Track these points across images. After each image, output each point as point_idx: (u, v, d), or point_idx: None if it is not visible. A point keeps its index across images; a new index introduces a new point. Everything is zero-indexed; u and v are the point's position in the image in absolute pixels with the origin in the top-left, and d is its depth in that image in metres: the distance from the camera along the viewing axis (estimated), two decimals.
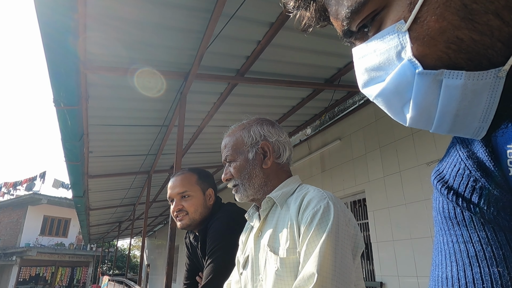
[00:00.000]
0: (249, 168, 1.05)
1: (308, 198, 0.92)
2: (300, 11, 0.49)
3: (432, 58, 0.34)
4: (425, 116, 0.36)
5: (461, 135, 0.37)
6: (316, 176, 5.06)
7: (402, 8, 0.35)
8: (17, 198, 19.61)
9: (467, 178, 0.38)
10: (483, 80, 0.32)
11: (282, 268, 0.87)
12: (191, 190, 1.52)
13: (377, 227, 3.90)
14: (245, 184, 1.05)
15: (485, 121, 0.34)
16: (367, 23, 0.38)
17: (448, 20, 0.32)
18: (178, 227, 1.55)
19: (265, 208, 1.03)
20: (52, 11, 1.95)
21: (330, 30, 2.65)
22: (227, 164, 1.11)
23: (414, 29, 0.34)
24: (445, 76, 0.33)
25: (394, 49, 0.36)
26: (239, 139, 1.10)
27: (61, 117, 3.11)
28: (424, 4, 0.33)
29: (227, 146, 1.11)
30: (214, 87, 3.59)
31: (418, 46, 0.34)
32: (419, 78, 0.34)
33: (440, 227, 0.41)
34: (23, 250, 18.30)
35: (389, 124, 3.86)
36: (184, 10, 2.45)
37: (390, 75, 0.37)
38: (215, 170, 7.06)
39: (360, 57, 0.41)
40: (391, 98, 0.38)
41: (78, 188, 5.71)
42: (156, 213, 11.89)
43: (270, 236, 0.96)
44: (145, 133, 4.55)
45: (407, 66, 0.35)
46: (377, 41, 0.37)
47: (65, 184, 20.57)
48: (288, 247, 0.88)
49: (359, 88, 0.43)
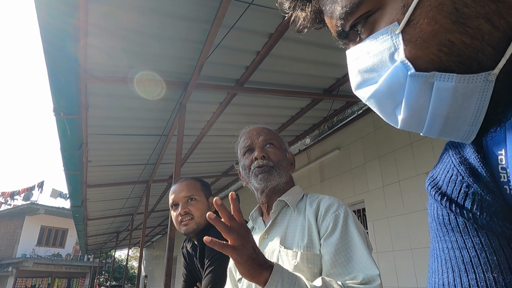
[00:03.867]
0: (285, 163, 1.12)
1: (326, 203, 0.98)
2: (296, 12, 0.49)
3: (424, 60, 0.34)
4: (417, 118, 0.37)
5: (451, 138, 0.37)
6: (315, 186, 5.05)
7: (395, 11, 0.35)
8: (15, 208, 19.47)
9: (460, 184, 0.38)
10: (473, 83, 0.33)
11: (303, 263, 0.90)
12: (197, 194, 1.53)
13: (377, 237, 3.87)
14: (280, 170, 1.08)
15: (474, 125, 0.35)
16: (359, 23, 0.39)
17: (440, 24, 0.33)
18: (182, 232, 1.51)
19: (276, 210, 1.06)
20: (54, 18, 1.97)
21: (328, 41, 2.68)
22: (265, 146, 1.11)
23: (407, 32, 0.34)
24: (436, 79, 0.34)
25: (387, 50, 0.36)
26: (278, 136, 1.18)
27: (61, 126, 3.11)
28: (418, 7, 0.33)
29: (270, 134, 1.15)
30: (214, 96, 3.60)
31: (411, 48, 0.34)
32: (411, 80, 0.35)
33: (436, 233, 0.41)
34: (19, 261, 18.08)
35: (387, 133, 3.87)
36: (185, 20, 2.47)
37: (383, 76, 0.37)
38: (215, 180, 7.04)
39: (354, 59, 0.41)
40: (384, 100, 0.39)
41: (76, 198, 5.67)
42: (154, 223, 11.80)
43: (282, 236, 0.99)
44: (144, 142, 4.55)
45: (399, 68, 0.35)
46: (371, 43, 0.38)
47: (63, 194, 20.49)
48: (306, 245, 0.92)
49: (352, 90, 0.43)
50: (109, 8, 2.28)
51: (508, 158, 0.34)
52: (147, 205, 6.85)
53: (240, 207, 0.77)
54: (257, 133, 1.14)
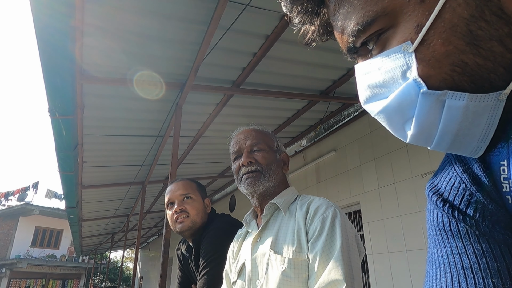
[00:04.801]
0: (276, 164, 1.10)
1: (315, 205, 0.96)
2: (305, 26, 0.50)
3: (436, 79, 0.35)
4: (426, 134, 0.37)
5: (459, 153, 0.38)
6: (312, 187, 5.05)
7: (409, 30, 0.35)
8: (9, 208, 19.29)
9: (462, 192, 0.39)
10: (484, 102, 0.33)
11: (290, 269, 0.89)
12: (193, 193, 1.53)
13: (372, 239, 3.88)
14: (270, 175, 1.07)
15: (483, 141, 0.35)
16: (370, 39, 0.39)
17: (454, 44, 0.33)
18: (178, 230, 1.49)
19: (267, 214, 1.05)
20: (49, 17, 1.96)
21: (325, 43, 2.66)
22: (251, 151, 1.10)
23: (420, 51, 0.35)
24: (448, 97, 0.34)
25: (400, 68, 0.36)
26: (268, 137, 1.15)
27: (56, 127, 3.09)
28: (431, 28, 0.34)
29: (257, 136, 1.12)
30: (210, 98, 3.60)
31: (424, 67, 0.35)
32: (423, 98, 0.35)
33: (435, 238, 0.41)
34: (13, 262, 17.92)
35: (383, 135, 3.89)
36: (181, 21, 2.47)
37: (394, 93, 0.38)
38: (211, 181, 7.03)
39: (364, 74, 0.41)
40: (393, 115, 0.39)
41: (71, 199, 5.64)
42: (150, 224, 11.75)
43: (273, 240, 0.98)
44: (140, 143, 4.53)
45: (411, 85, 0.36)
46: (382, 60, 0.38)
47: (58, 195, 20.33)
48: (295, 250, 0.91)
49: (361, 104, 0.43)
50: (106, 9, 2.27)
51: (511, 169, 0.35)
52: (142, 206, 6.82)
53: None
54: (245, 137, 1.12)
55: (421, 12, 0.34)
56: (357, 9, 0.39)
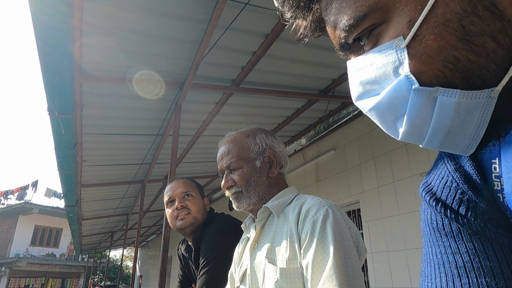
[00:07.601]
0: (256, 176, 1.03)
1: (306, 207, 0.90)
2: (297, 21, 0.49)
3: (428, 75, 0.34)
4: (418, 131, 0.37)
5: (451, 151, 0.38)
6: (311, 186, 5.06)
7: (401, 25, 0.35)
8: (8, 207, 19.29)
9: (454, 190, 0.39)
10: (476, 99, 0.33)
11: (282, 279, 0.85)
12: (193, 191, 1.54)
13: (372, 237, 3.89)
14: (250, 192, 1.02)
15: (475, 139, 0.35)
16: (363, 35, 0.39)
17: (446, 40, 0.33)
18: (178, 226, 1.47)
19: (261, 218, 1.00)
20: (48, 16, 1.95)
21: (324, 42, 2.67)
22: (229, 171, 1.06)
23: (412, 46, 0.34)
24: (440, 94, 0.34)
25: (392, 64, 0.36)
26: (244, 146, 1.07)
27: (55, 126, 3.09)
28: (424, 23, 0.33)
29: (231, 152, 1.06)
30: (209, 96, 3.60)
31: (415, 63, 0.34)
32: (414, 94, 0.35)
33: (429, 238, 0.42)
34: (13, 261, 17.92)
35: (382, 134, 3.87)
36: (181, 20, 2.47)
37: (385, 89, 0.37)
38: (210, 180, 7.03)
39: (355, 70, 0.41)
40: (385, 112, 0.39)
41: (71, 198, 5.64)
42: (149, 223, 11.75)
43: (268, 247, 0.94)
44: (139, 142, 4.53)
45: (403, 81, 0.35)
46: (374, 55, 0.38)
47: (58, 193, 20.32)
48: (288, 257, 0.86)
49: (353, 101, 0.43)
50: (105, 7, 2.26)
51: (502, 167, 0.35)
52: (142, 205, 6.83)
53: None
54: (221, 157, 1.08)
55: (413, 6, 0.34)
56: (349, 4, 0.38)
